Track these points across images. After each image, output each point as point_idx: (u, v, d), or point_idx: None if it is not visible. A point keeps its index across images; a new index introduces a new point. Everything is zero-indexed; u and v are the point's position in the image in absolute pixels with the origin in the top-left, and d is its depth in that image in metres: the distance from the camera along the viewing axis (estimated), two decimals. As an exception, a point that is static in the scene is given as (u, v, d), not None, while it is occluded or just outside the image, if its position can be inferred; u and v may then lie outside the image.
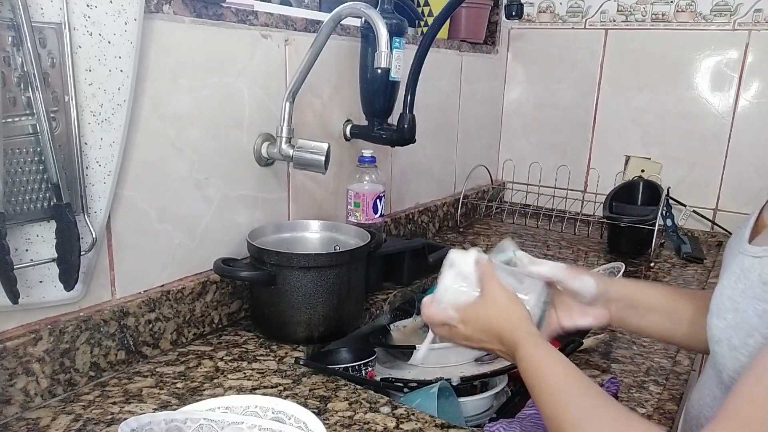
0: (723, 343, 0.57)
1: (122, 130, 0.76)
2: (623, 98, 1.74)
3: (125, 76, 0.75)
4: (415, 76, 1.13)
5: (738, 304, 0.56)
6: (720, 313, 0.58)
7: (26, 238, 0.71)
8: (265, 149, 1.02)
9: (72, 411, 0.74)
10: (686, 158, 1.68)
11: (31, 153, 0.69)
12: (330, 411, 0.76)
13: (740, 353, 0.55)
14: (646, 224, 1.44)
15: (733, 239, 0.66)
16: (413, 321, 1.13)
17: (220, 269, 0.91)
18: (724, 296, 0.59)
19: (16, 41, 0.64)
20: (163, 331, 0.89)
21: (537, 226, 1.73)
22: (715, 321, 0.59)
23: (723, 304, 0.58)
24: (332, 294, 0.93)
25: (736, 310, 0.56)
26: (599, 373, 0.92)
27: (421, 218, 1.54)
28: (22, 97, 0.66)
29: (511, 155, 1.93)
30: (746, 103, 1.58)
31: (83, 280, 0.77)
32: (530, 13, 1.84)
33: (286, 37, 1.04)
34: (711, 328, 0.60)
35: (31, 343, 0.73)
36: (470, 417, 0.92)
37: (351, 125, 1.22)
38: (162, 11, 0.84)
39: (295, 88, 0.99)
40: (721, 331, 0.58)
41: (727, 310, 0.57)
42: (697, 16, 1.61)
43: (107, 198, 0.77)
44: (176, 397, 0.78)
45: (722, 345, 0.57)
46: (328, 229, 1.07)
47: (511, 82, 1.92)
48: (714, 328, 0.59)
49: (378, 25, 0.88)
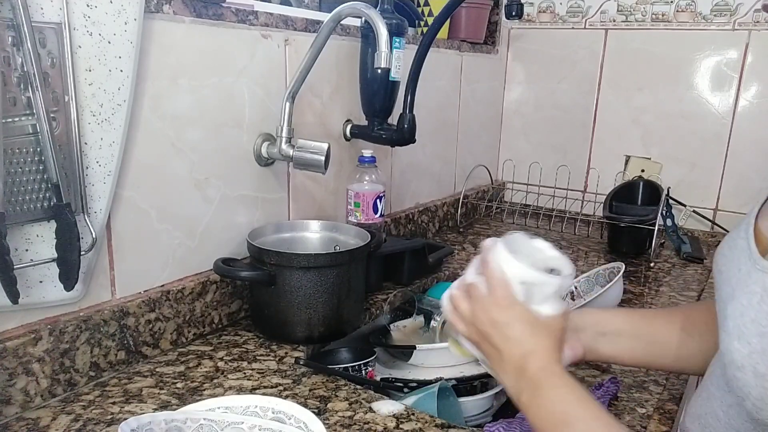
0: (747, 370, 0.53)
1: (122, 130, 0.76)
2: (623, 98, 1.74)
3: (125, 76, 0.75)
4: (415, 76, 1.13)
5: (764, 328, 0.52)
6: (743, 337, 0.53)
7: (26, 238, 0.71)
8: (265, 149, 1.02)
9: (72, 411, 0.74)
10: (686, 158, 1.68)
11: (31, 153, 0.69)
12: (330, 411, 0.76)
13: (767, 381, 0.51)
14: (646, 224, 1.44)
15: (732, 250, 0.62)
16: (413, 321, 1.13)
17: (220, 269, 0.91)
18: (746, 318, 0.54)
19: (16, 41, 0.64)
20: (163, 331, 0.89)
21: (537, 226, 1.73)
22: (737, 345, 0.54)
23: (746, 327, 0.53)
24: (332, 294, 0.93)
25: (762, 335, 0.52)
26: (599, 373, 0.92)
27: (421, 218, 1.54)
28: (22, 97, 0.66)
29: (511, 155, 1.93)
30: (746, 103, 1.58)
31: (83, 280, 0.77)
32: (530, 13, 1.84)
33: (286, 37, 1.04)
34: (731, 352, 0.54)
35: (31, 343, 0.73)
36: (470, 417, 0.92)
37: (351, 125, 1.22)
38: (162, 11, 0.84)
39: (295, 88, 0.99)
40: (744, 357, 0.53)
41: (751, 334, 0.53)
42: (697, 16, 1.61)
43: (107, 198, 0.77)
44: (176, 397, 0.78)
45: (746, 371, 0.53)
46: (328, 229, 1.07)
47: (511, 82, 1.92)
48: (735, 353, 0.54)
49: (378, 25, 0.88)
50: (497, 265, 0.62)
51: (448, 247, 1.38)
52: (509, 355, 0.61)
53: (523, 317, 0.62)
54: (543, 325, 0.62)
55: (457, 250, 1.47)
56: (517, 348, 0.61)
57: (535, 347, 0.61)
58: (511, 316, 0.62)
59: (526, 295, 0.62)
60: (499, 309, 0.62)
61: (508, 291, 0.62)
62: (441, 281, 1.31)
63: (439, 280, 1.30)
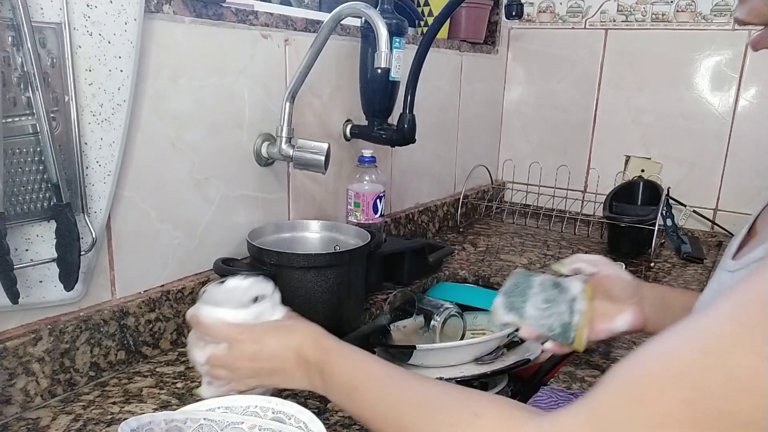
0: None
1: (122, 130, 0.76)
2: (623, 98, 1.74)
3: (125, 76, 0.75)
4: (415, 76, 1.13)
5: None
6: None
7: (26, 238, 0.71)
8: (265, 149, 1.02)
9: (72, 411, 0.74)
10: (686, 158, 1.68)
11: (31, 153, 0.69)
12: (330, 411, 0.76)
13: None
14: (646, 224, 1.44)
15: (727, 248, 0.64)
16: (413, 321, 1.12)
17: (220, 269, 0.91)
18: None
19: (16, 41, 0.64)
20: (163, 331, 0.89)
21: (537, 226, 1.73)
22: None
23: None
24: (332, 294, 0.93)
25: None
26: (599, 373, 0.91)
27: (421, 218, 1.54)
28: (22, 97, 0.66)
29: (511, 155, 1.93)
30: (746, 103, 1.58)
31: (83, 280, 0.77)
32: (530, 13, 1.84)
33: (286, 37, 1.04)
34: None
35: (31, 343, 0.73)
36: (470, 417, 0.92)
37: (351, 125, 1.22)
38: (162, 11, 0.84)
39: (295, 88, 0.99)
40: None
41: None
42: (697, 16, 1.61)
43: (107, 198, 0.77)
44: (176, 397, 0.78)
45: None
46: (328, 229, 1.07)
47: (511, 82, 1.92)
48: None
49: (378, 25, 0.88)
50: (214, 320, 0.64)
51: (448, 247, 1.38)
52: (285, 363, 0.62)
53: (266, 332, 0.64)
54: (288, 324, 0.65)
55: (457, 250, 1.47)
56: (286, 353, 0.62)
57: (299, 341, 0.62)
58: (258, 340, 0.63)
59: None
60: (245, 345, 0.63)
61: (238, 328, 0.63)
62: (441, 281, 1.31)
63: (439, 280, 1.30)
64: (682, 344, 0.39)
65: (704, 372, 0.36)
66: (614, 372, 0.42)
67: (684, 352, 0.38)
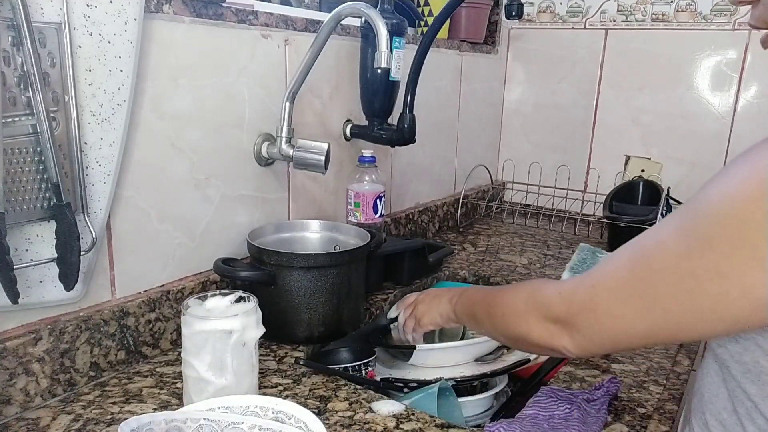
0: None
1: (122, 130, 0.76)
2: (623, 98, 1.74)
3: (125, 76, 0.75)
4: (415, 76, 1.13)
5: None
6: None
7: (26, 238, 0.71)
8: (265, 149, 1.02)
9: (72, 411, 0.74)
10: (686, 158, 1.68)
11: (31, 153, 0.69)
12: (330, 411, 0.76)
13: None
14: (646, 224, 1.44)
15: None
16: (413, 321, 1.12)
17: (220, 269, 0.91)
18: None
19: (16, 41, 0.64)
20: (163, 331, 0.89)
21: (537, 226, 1.73)
22: None
23: None
24: (332, 294, 0.93)
25: None
26: (599, 373, 0.92)
27: (421, 218, 1.54)
28: (22, 97, 0.66)
29: (511, 155, 1.93)
30: (746, 103, 1.58)
31: (83, 280, 0.77)
32: (530, 13, 1.84)
33: (286, 37, 1.04)
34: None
35: (31, 343, 0.73)
36: (470, 417, 0.92)
37: (351, 125, 1.22)
38: (162, 11, 0.84)
39: (295, 88, 0.99)
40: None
41: None
42: (697, 16, 1.61)
43: (107, 198, 0.77)
44: (176, 397, 0.78)
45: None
46: (328, 229, 1.07)
47: (511, 82, 1.92)
48: None
49: (378, 25, 0.88)
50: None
51: (448, 247, 1.38)
52: (442, 295, 0.91)
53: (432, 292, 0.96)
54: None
55: (457, 250, 1.47)
56: (447, 293, 0.90)
57: (455, 291, 0.90)
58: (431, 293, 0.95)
59: None
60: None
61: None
62: (441, 281, 1.31)
63: (439, 280, 1.30)
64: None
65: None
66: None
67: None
